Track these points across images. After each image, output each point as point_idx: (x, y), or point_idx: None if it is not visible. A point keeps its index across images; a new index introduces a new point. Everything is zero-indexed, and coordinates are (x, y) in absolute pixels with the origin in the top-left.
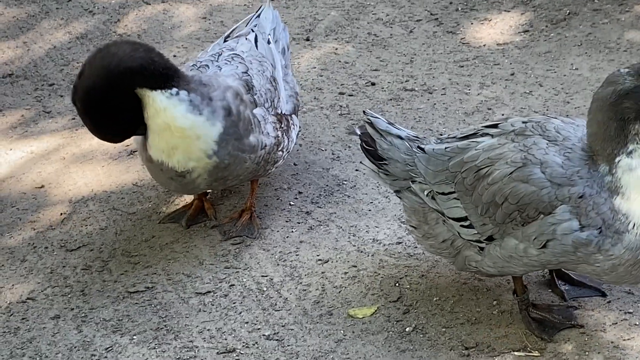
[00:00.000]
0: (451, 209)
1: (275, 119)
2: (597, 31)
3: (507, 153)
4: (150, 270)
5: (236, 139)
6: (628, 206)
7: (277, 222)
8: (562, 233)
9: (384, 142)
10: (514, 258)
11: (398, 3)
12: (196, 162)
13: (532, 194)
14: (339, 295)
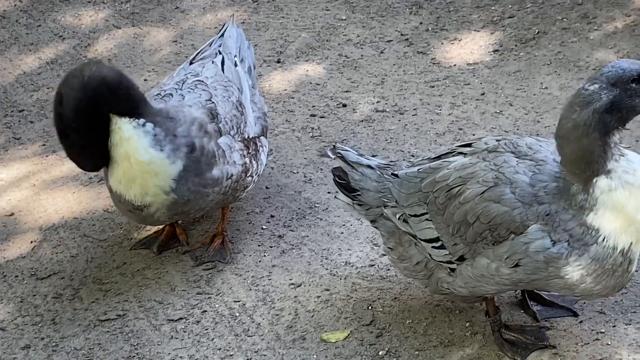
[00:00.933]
0: (423, 231)
1: (243, 145)
2: (566, 50)
3: (479, 172)
4: (121, 297)
5: (197, 175)
6: (600, 222)
7: (249, 246)
8: (535, 251)
9: (356, 174)
10: (485, 277)
11: (368, 24)
12: (153, 198)
13: (504, 214)
14: (311, 320)
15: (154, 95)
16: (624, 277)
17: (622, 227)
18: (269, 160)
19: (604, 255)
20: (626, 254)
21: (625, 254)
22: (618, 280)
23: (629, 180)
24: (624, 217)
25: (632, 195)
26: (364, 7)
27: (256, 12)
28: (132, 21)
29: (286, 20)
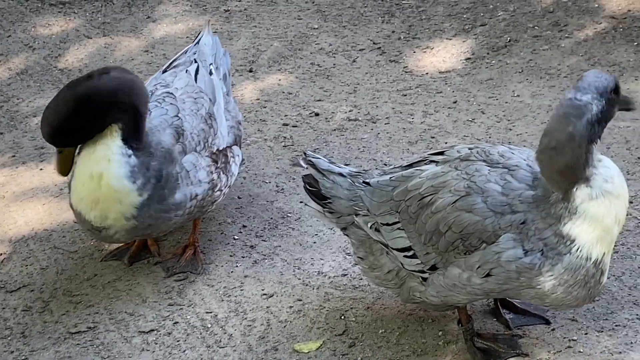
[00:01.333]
0: (395, 240)
1: (210, 161)
2: (537, 57)
3: (451, 181)
4: (92, 309)
5: (159, 202)
6: (577, 232)
7: (221, 256)
8: (507, 260)
9: (327, 182)
10: (457, 287)
11: (341, 33)
12: (113, 222)
13: (476, 224)
14: (284, 330)
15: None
16: (596, 288)
17: (599, 237)
18: (240, 170)
19: (577, 265)
20: (598, 264)
21: (598, 265)
22: (590, 291)
23: (608, 189)
24: (602, 227)
25: (612, 205)
26: (336, 16)
27: (228, 21)
28: (103, 31)
29: (258, 29)
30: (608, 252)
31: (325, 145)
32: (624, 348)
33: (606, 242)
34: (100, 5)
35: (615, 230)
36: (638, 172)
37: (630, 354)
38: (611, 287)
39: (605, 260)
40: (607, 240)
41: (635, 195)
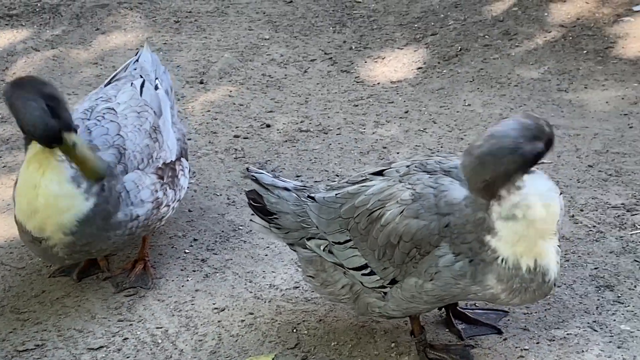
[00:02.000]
0: (350, 259)
1: (155, 178)
2: (488, 67)
3: (397, 193)
4: (40, 326)
5: (103, 219)
6: (497, 245)
7: (172, 271)
8: (443, 265)
9: (272, 197)
10: (415, 297)
11: (292, 43)
12: (51, 234)
13: (423, 228)
14: (235, 344)
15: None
16: (542, 288)
17: (520, 252)
18: (191, 183)
19: (509, 275)
20: (534, 270)
21: (533, 271)
22: (536, 292)
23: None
24: (520, 243)
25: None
26: (287, 26)
27: (178, 32)
28: (52, 43)
29: (209, 40)
30: (543, 256)
31: (276, 157)
32: (575, 357)
33: (533, 252)
34: (48, 17)
35: (539, 242)
36: (588, 179)
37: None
38: (562, 295)
39: (541, 264)
40: (534, 251)
41: (586, 204)
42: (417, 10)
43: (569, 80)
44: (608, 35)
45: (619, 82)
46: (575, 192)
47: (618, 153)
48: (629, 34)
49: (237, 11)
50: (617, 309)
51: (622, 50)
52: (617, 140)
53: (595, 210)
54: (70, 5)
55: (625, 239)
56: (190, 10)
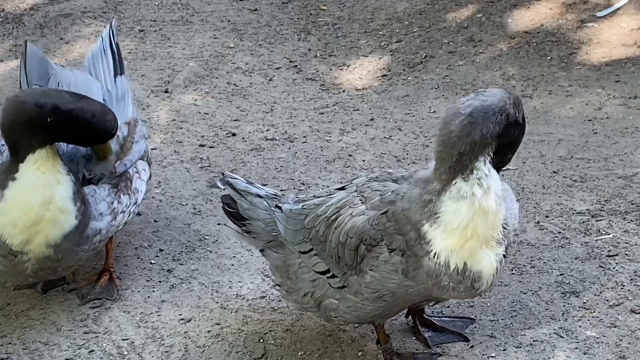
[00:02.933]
0: (316, 265)
1: (109, 188)
2: (453, 73)
3: (351, 200)
4: (5, 340)
5: (79, 233)
6: (433, 235)
7: (138, 282)
8: (383, 260)
9: (244, 202)
10: (357, 293)
11: (257, 51)
12: (34, 247)
13: (366, 222)
14: (202, 355)
15: None
16: (470, 292)
17: (454, 246)
18: (157, 192)
19: (438, 272)
20: (463, 273)
21: (463, 273)
22: (464, 294)
23: (477, 194)
24: (457, 234)
25: (473, 214)
26: (252, 35)
27: (143, 41)
28: (15, 53)
29: (173, 49)
30: (475, 262)
31: (242, 166)
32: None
33: (465, 254)
34: (11, 27)
35: (473, 243)
36: (553, 185)
37: None
38: (528, 302)
39: (472, 269)
40: (466, 252)
41: (551, 210)
42: (381, 17)
43: (533, 86)
44: (572, 41)
45: (582, 87)
46: (541, 198)
47: (582, 159)
48: (592, 39)
49: (201, 20)
50: (583, 315)
51: (586, 56)
52: (582, 146)
53: (561, 216)
54: (34, 14)
55: (590, 245)
56: (154, 19)
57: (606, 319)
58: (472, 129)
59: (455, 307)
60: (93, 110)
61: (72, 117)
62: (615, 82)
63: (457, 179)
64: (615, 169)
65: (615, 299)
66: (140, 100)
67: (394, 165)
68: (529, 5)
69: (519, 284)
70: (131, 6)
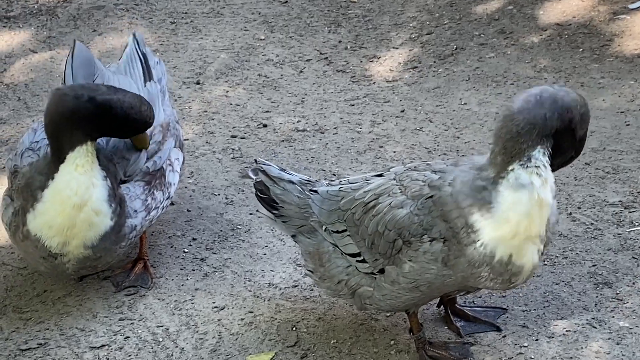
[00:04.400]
0: (346, 246)
1: (144, 185)
2: (484, 65)
3: (390, 187)
4: (42, 325)
5: (117, 232)
6: (483, 225)
7: (172, 270)
8: (423, 251)
9: (277, 188)
10: (394, 282)
11: (287, 43)
12: (73, 248)
13: (406, 217)
14: (236, 343)
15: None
16: (506, 284)
17: (503, 237)
18: (189, 182)
19: (481, 262)
20: (506, 265)
21: (505, 265)
22: (500, 286)
23: (536, 184)
24: (508, 227)
25: (530, 206)
26: (283, 27)
27: (174, 33)
28: (49, 45)
29: (205, 41)
30: (520, 256)
31: (273, 157)
32: (574, 354)
33: (512, 246)
34: (45, 19)
35: (523, 236)
36: (585, 177)
37: (580, 359)
38: (561, 292)
39: (515, 262)
40: (514, 244)
41: (583, 201)
42: (412, 9)
43: (565, 78)
44: (604, 33)
45: (615, 80)
46: (573, 190)
47: (615, 151)
48: (625, 31)
49: (232, 12)
50: (616, 305)
51: (618, 48)
52: (614, 137)
53: (593, 208)
54: (67, 7)
55: (623, 236)
56: (186, 11)
57: (639, 309)
58: (536, 109)
59: (487, 297)
60: (129, 100)
61: (110, 108)
62: None
63: (514, 164)
64: None
65: None
66: (172, 92)
67: (424, 156)
68: None
69: (552, 275)
70: None
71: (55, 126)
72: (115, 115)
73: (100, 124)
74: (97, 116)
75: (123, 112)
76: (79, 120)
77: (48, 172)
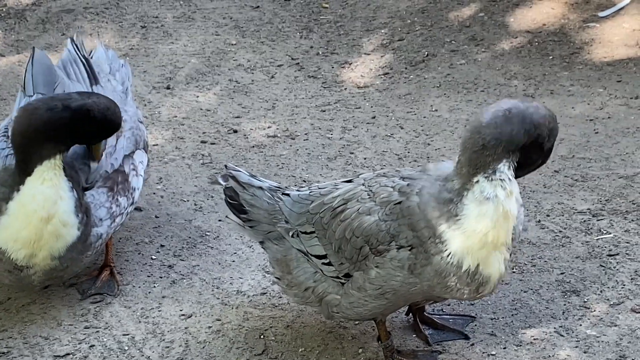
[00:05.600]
0: (313, 247)
1: (107, 192)
2: (455, 72)
3: (359, 192)
4: (5, 334)
5: (83, 241)
6: (450, 236)
7: (139, 277)
8: (389, 257)
9: (247, 194)
10: (361, 288)
11: (259, 48)
12: (40, 260)
13: (373, 224)
14: (203, 351)
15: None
16: (473, 294)
17: (471, 248)
18: (158, 189)
19: (448, 272)
20: (473, 275)
21: (472, 276)
22: (467, 296)
23: (500, 197)
24: (476, 238)
25: (496, 217)
26: (254, 32)
27: (144, 37)
28: (17, 48)
29: (175, 45)
30: (487, 265)
31: (244, 163)
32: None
33: (480, 256)
34: (13, 22)
35: (490, 247)
36: (554, 185)
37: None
38: (529, 300)
39: (482, 272)
40: (481, 255)
41: (552, 209)
42: (384, 15)
43: (535, 85)
44: (574, 41)
45: (584, 87)
46: (542, 198)
47: (584, 158)
48: (594, 39)
49: (203, 16)
50: (584, 314)
51: (588, 56)
52: (583, 145)
53: (562, 216)
54: (36, 10)
55: (591, 244)
56: (156, 15)
57: (606, 318)
58: (503, 125)
59: (456, 305)
60: (104, 102)
61: (87, 112)
62: (617, 82)
63: (479, 176)
64: (617, 169)
65: (616, 298)
66: (142, 97)
67: (395, 163)
68: (532, 5)
69: (520, 283)
70: (133, 2)
71: (26, 141)
72: (94, 118)
73: (76, 131)
74: (74, 123)
75: (101, 114)
76: (54, 132)
77: (12, 184)
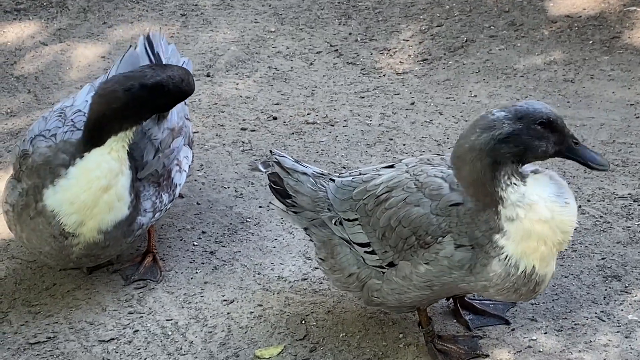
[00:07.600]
0: (356, 235)
1: (155, 187)
2: (494, 57)
3: (403, 181)
4: (51, 319)
5: (128, 224)
6: (504, 243)
7: (181, 263)
8: (443, 256)
9: (291, 180)
10: (406, 278)
11: (298, 35)
12: (86, 230)
13: (423, 217)
14: (245, 336)
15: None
16: (528, 295)
17: (524, 252)
18: (199, 175)
19: (506, 273)
20: (530, 275)
21: (529, 276)
22: (522, 297)
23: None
24: (525, 244)
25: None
26: (293, 19)
27: (184, 25)
28: (59, 37)
29: (215, 33)
30: (543, 266)
31: (283, 149)
32: (583, 347)
33: (535, 257)
34: (55, 11)
35: (542, 249)
36: (594, 171)
37: (589, 352)
38: (570, 286)
39: (539, 272)
40: (536, 256)
41: (593, 194)
42: (422, 1)
43: (575, 70)
44: (614, 25)
45: (625, 72)
46: (582, 183)
47: (624, 143)
48: (635, 24)
49: (242, 4)
50: (625, 299)
51: (628, 40)
52: (624, 130)
53: (602, 201)
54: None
55: (632, 230)
56: (196, 3)
57: None
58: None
59: None
60: (178, 74)
61: (162, 87)
62: None
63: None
64: None
65: None
66: None
67: (434, 149)
68: None
69: (561, 268)
70: None
71: (105, 121)
72: (169, 92)
73: (154, 105)
74: (152, 100)
75: (176, 87)
76: (132, 110)
77: (74, 152)
